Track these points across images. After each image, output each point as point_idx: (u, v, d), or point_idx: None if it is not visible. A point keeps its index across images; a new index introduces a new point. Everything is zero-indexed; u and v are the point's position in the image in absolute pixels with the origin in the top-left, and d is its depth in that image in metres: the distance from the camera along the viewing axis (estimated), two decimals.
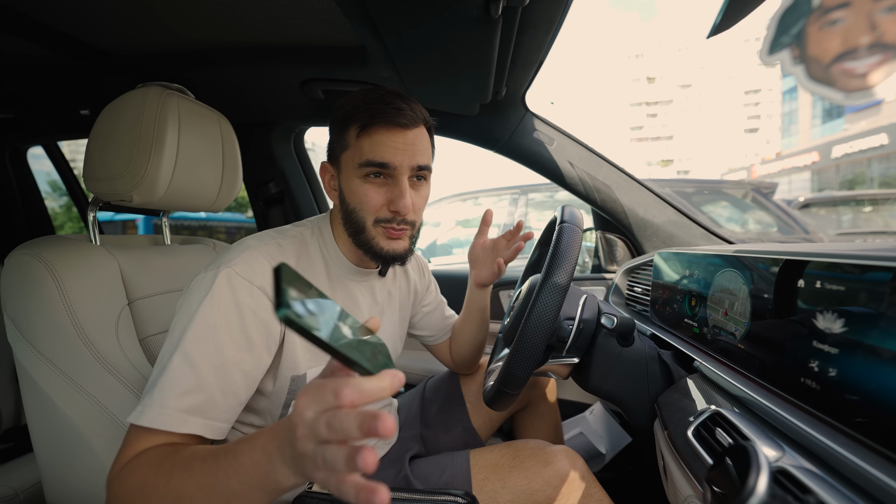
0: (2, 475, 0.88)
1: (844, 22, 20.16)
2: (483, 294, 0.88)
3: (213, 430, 0.51)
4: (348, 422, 0.31)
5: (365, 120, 0.60)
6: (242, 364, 0.54)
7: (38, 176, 1.70)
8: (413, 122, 0.61)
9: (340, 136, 0.63)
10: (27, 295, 0.63)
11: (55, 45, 0.85)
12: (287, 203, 1.46)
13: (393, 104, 0.60)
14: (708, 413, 0.50)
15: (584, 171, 1.16)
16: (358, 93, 0.63)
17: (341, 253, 0.69)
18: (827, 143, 21.60)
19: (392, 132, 0.60)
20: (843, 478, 0.34)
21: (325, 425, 0.32)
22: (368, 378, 0.33)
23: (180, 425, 0.49)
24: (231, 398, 0.53)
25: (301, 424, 0.33)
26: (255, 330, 0.55)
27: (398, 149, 0.60)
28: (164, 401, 0.49)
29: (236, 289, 0.55)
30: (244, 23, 0.79)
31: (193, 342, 0.51)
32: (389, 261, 0.65)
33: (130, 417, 0.49)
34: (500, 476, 0.70)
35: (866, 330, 0.36)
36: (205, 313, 0.53)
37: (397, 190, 0.61)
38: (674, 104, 70.62)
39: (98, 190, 0.71)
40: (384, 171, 0.61)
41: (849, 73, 19.72)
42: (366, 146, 0.60)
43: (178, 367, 0.50)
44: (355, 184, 0.62)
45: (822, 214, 4.51)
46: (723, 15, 0.46)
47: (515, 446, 0.75)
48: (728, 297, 0.59)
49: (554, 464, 0.70)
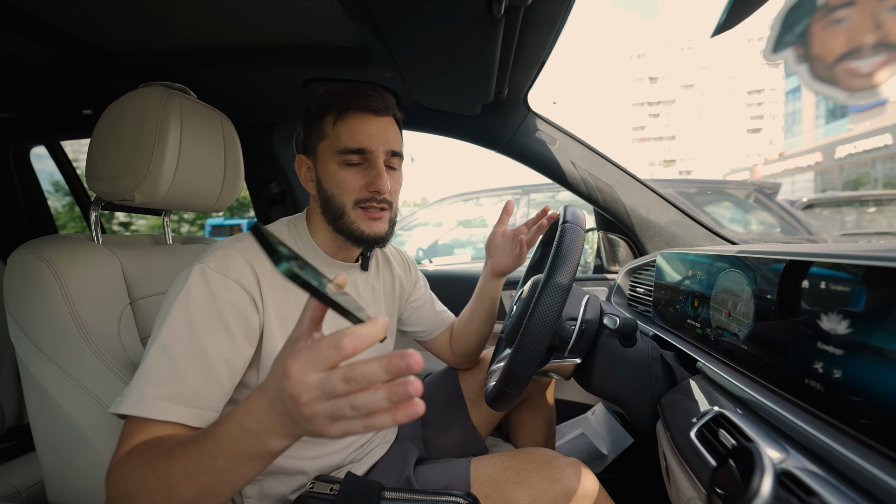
0: (4, 474, 0.88)
1: (849, 21, 20.05)
2: (497, 285, 0.89)
3: (199, 419, 0.51)
4: (371, 368, 0.31)
5: (340, 107, 0.64)
6: (224, 353, 0.55)
7: (40, 175, 1.70)
8: (384, 109, 0.66)
9: (317, 127, 0.66)
10: (30, 294, 0.63)
11: (59, 45, 0.86)
12: (289, 203, 1.47)
13: (364, 92, 0.65)
14: (711, 414, 0.50)
15: (587, 171, 1.15)
16: (332, 88, 0.68)
17: (317, 246, 0.70)
18: (830, 143, 21.50)
19: (366, 118, 0.64)
20: (848, 480, 0.34)
21: (341, 380, 0.32)
22: (361, 325, 0.33)
23: (160, 412, 0.49)
24: (216, 387, 0.54)
25: (305, 390, 0.33)
26: (232, 320, 0.56)
27: (372, 134, 0.64)
28: (142, 389, 0.49)
29: (211, 282, 0.56)
30: (246, 23, 0.79)
31: (170, 333, 0.52)
32: (370, 243, 0.67)
33: (111, 408, 0.50)
34: (502, 493, 0.66)
35: (871, 331, 0.36)
36: (180, 307, 0.54)
37: (374, 171, 0.64)
38: (676, 104, 70.45)
39: (101, 189, 0.71)
40: (361, 156, 0.64)
41: (853, 72, 19.62)
42: (343, 133, 0.64)
43: (154, 357, 0.51)
44: (332, 170, 0.65)
45: (825, 215, 4.49)
46: (727, 14, 0.45)
47: (520, 458, 0.70)
48: (731, 298, 0.59)
49: (562, 480, 0.65)
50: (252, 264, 0.60)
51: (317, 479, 0.65)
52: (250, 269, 0.60)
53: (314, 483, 0.64)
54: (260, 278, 0.60)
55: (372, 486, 0.63)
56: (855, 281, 0.39)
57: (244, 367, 0.58)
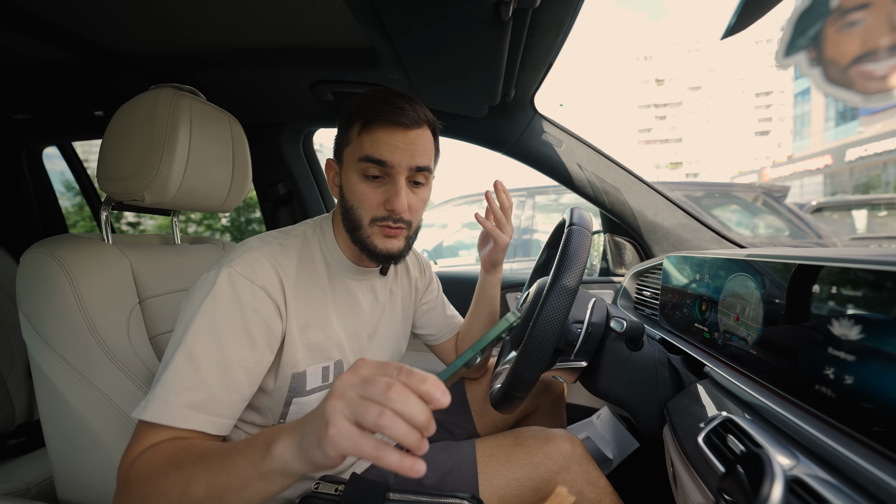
0: (14, 470, 0.89)
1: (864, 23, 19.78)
2: (492, 281, 0.89)
3: (216, 426, 0.52)
4: (411, 404, 0.34)
5: (367, 117, 0.61)
6: (245, 361, 0.55)
7: (52, 176, 1.73)
8: (415, 122, 0.62)
9: (345, 133, 0.65)
10: (41, 292, 0.64)
11: (73, 48, 0.87)
12: (295, 204, 1.48)
13: (396, 104, 0.61)
14: (719, 419, 0.49)
15: (593, 173, 1.15)
16: (366, 92, 0.65)
17: (341, 251, 0.69)
18: (840, 146, 21.22)
19: (392, 131, 0.61)
20: (860, 488, 0.33)
21: (385, 386, 0.34)
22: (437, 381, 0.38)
23: (183, 420, 0.49)
24: (235, 395, 0.54)
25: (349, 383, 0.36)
26: (256, 328, 0.56)
27: (397, 147, 0.61)
28: (166, 396, 0.49)
29: (238, 287, 0.55)
30: (255, 25, 0.80)
31: (195, 339, 0.52)
32: (383, 259, 0.65)
33: (135, 412, 0.50)
34: (504, 453, 0.74)
35: (883, 336, 0.36)
36: (207, 312, 0.53)
37: (393, 189, 0.62)
38: (683, 106, 69.95)
39: (111, 189, 0.72)
40: (382, 169, 0.61)
41: (868, 75, 19.33)
42: (366, 142, 0.61)
43: (180, 363, 0.51)
44: (353, 181, 0.63)
45: (835, 219, 4.43)
46: (737, 16, 0.45)
47: (517, 431, 0.79)
48: (739, 302, 0.58)
49: (554, 441, 0.74)
50: (278, 270, 0.60)
51: (322, 480, 0.65)
52: (276, 275, 0.60)
53: (319, 483, 0.64)
54: (285, 284, 0.60)
55: (377, 486, 0.63)
56: (866, 285, 0.38)
57: (263, 373, 0.59)
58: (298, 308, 0.62)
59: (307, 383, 0.64)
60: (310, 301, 0.64)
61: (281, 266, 0.61)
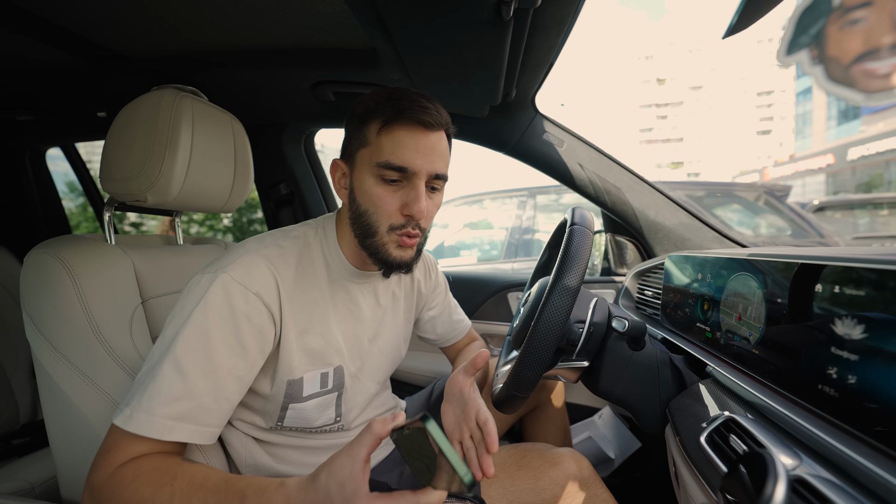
0: (19, 469, 0.90)
1: (866, 21, 19.70)
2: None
3: (202, 436, 0.51)
4: None
5: (389, 115, 0.57)
6: (235, 369, 0.54)
7: (55, 176, 1.73)
8: (437, 123, 0.59)
9: (359, 132, 0.60)
10: (45, 292, 0.64)
11: (76, 50, 0.87)
12: (297, 204, 1.48)
13: (419, 102, 0.58)
14: (721, 419, 0.49)
15: (595, 173, 1.15)
16: (382, 90, 0.61)
17: (342, 255, 0.66)
18: (842, 145, 21.14)
19: (415, 132, 0.57)
20: (864, 488, 0.33)
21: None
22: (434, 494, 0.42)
23: (167, 433, 0.48)
24: (224, 403, 0.53)
25: None
26: (249, 335, 0.55)
27: (419, 152, 0.58)
28: (151, 408, 0.48)
29: (231, 295, 0.54)
30: (256, 26, 0.80)
31: (184, 349, 0.51)
32: (394, 268, 0.62)
33: (117, 420, 0.49)
34: (508, 474, 0.72)
35: (886, 335, 0.35)
36: (197, 320, 0.52)
37: (413, 193, 0.58)
38: (684, 106, 69.79)
39: (114, 190, 0.72)
40: (402, 174, 0.58)
41: (870, 73, 19.25)
42: (386, 145, 0.57)
43: (167, 374, 0.49)
44: (369, 184, 0.59)
45: (837, 218, 4.42)
46: (739, 15, 0.45)
47: (522, 447, 0.76)
48: (742, 302, 0.58)
49: (561, 464, 0.71)
50: (275, 274, 0.58)
51: None
52: (273, 280, 0.58)
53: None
54: (281, 290, 0.59)
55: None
56: (868, 284, 0.38)
57: (252, 379, 0.58)
58: (296, 313, 0.60)
59: (304, 390, 0.63)
60: (308, 305, 0.62)
61: (278, 270, 0.59)
